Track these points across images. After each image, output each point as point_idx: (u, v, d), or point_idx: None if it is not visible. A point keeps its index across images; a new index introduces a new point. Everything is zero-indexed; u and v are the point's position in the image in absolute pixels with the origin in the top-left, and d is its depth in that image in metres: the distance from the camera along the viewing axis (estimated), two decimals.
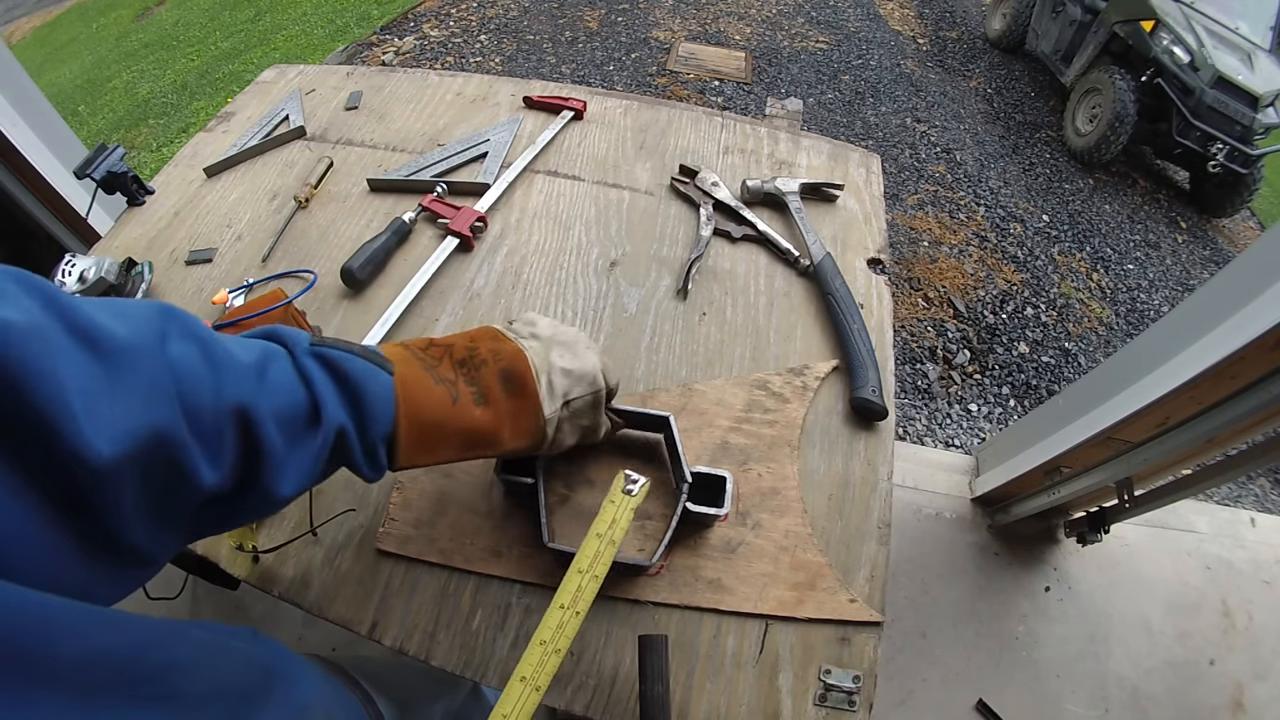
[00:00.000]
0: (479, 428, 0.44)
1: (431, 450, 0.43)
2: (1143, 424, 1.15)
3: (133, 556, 0.32)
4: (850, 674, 0.55)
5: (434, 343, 0.46)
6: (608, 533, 0.49)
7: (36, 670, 0.23)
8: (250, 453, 0.34)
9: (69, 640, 0.24)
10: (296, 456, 0.36)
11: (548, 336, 0.50)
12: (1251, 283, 0.95)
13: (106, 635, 0.26)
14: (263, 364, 0.36)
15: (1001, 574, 1.47)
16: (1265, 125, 3.28)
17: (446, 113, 1.02)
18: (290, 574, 0.60)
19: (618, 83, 3.60)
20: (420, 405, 0.41)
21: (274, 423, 0.34)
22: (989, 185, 3.25)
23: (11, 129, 1.31)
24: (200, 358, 0.32)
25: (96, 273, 0.70)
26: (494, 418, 0.45)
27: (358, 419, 0.39)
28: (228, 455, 0.33)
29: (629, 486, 0.51)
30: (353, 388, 0.39)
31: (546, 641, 0.43)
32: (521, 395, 0.46)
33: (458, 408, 0.43)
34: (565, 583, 0.46)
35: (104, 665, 0.26)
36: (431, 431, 0.42)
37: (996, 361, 2.40)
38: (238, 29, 4.53)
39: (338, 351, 0.39)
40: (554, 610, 0.45)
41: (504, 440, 0.45)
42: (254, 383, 0.34)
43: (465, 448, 0.44)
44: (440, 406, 0.42)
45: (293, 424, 0.36)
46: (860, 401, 0.68)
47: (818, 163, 0.96)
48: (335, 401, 0.38)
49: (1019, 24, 4.28)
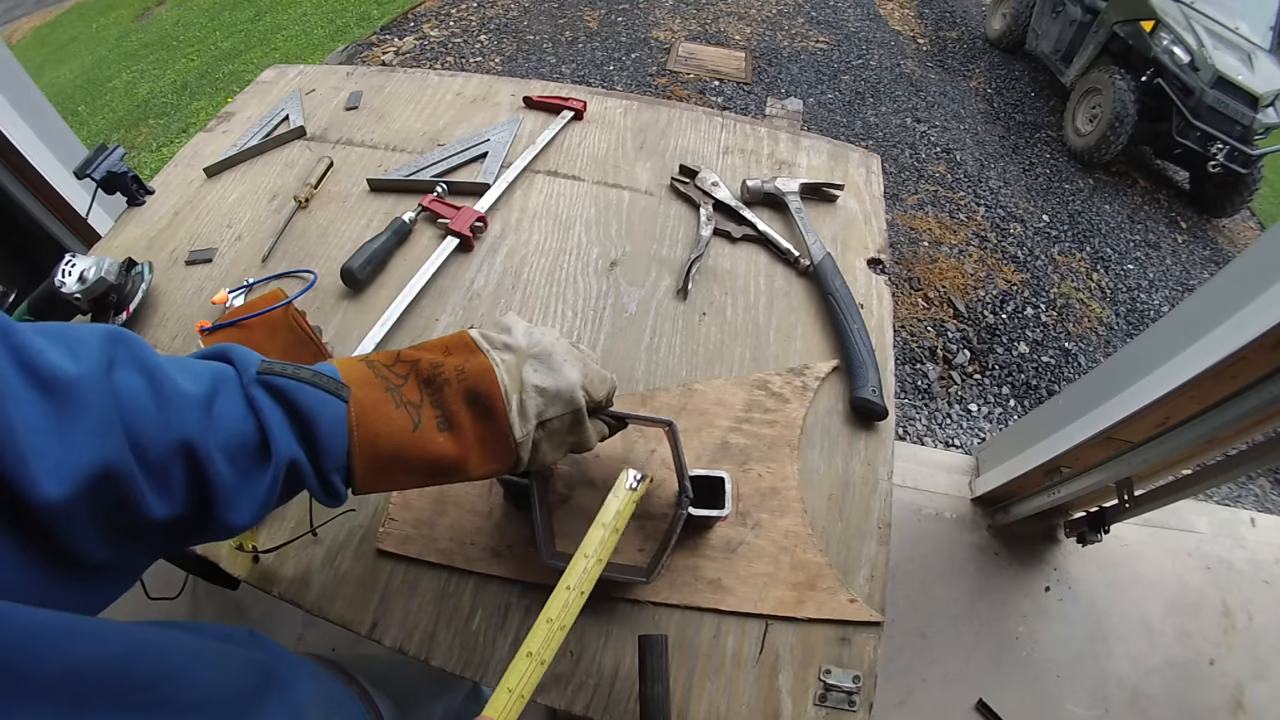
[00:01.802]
0: (442, 455, 0.41)
1: (390, 478, 0.41)
2: (1143, 424, 1.14)
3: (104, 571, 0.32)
4: (850, 674, 0.55)
5: (400, 357, 0.43)
6: (612, 522, 0.50)
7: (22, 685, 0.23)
8: (199, 486, 0.34)
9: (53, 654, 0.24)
10: (248, 488, 0.35)
11: (522, 348, 0.46)
12: (1251, 283, 0.95)
13: (91, 646, 0.26)
14: (210, 396, 0.35)
15: (1001, 574, 1.47)
16: (1265, 125, 3.28)
17: (446, 113, 1.02)
18: (290, 574, 0.60)
19: (618, 83, 3.60)
20: (377, 433, 0.39)
21: (222, 456, 0.34)
22: (989, 185, 3.25)
23: (11, 129, 1.31)
24: (147, 390, 0.32)
25: (96, 273, 0.70)
26: (459, 445, 0.42)
27: (310, 451, 0.37)
28: (176, 489, 0.33)
29: (632, 483, 0.52)
30: (303, 418, 0.37)
31: (533, 654, 0.44)
32: (489, 419, 0.43)
33: (419, 434, 0.40)
34: (553, 598, 0.47)
35: (90, 676, 0.26)
36: (388, 461, 0.40)
37: (996, 361, 2.40)
38: (238, 29, 4.53)
39: (287, 380, 0.37)
40: (541, 624, 0.45)
41: (471, 467, 0.43)
42: (200, 416, 0.33)
43: (429, 475, 0.42)
44: (399, 434, 0.40)
45: (242, 456, 0.35)
46: (860, 401, 0.68)
47: (818, 163, 0.96)
48: (285, 433, 0.36)
49: (1019, 24, 4.28)
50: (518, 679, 0.43)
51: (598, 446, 0.65)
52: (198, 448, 0.33)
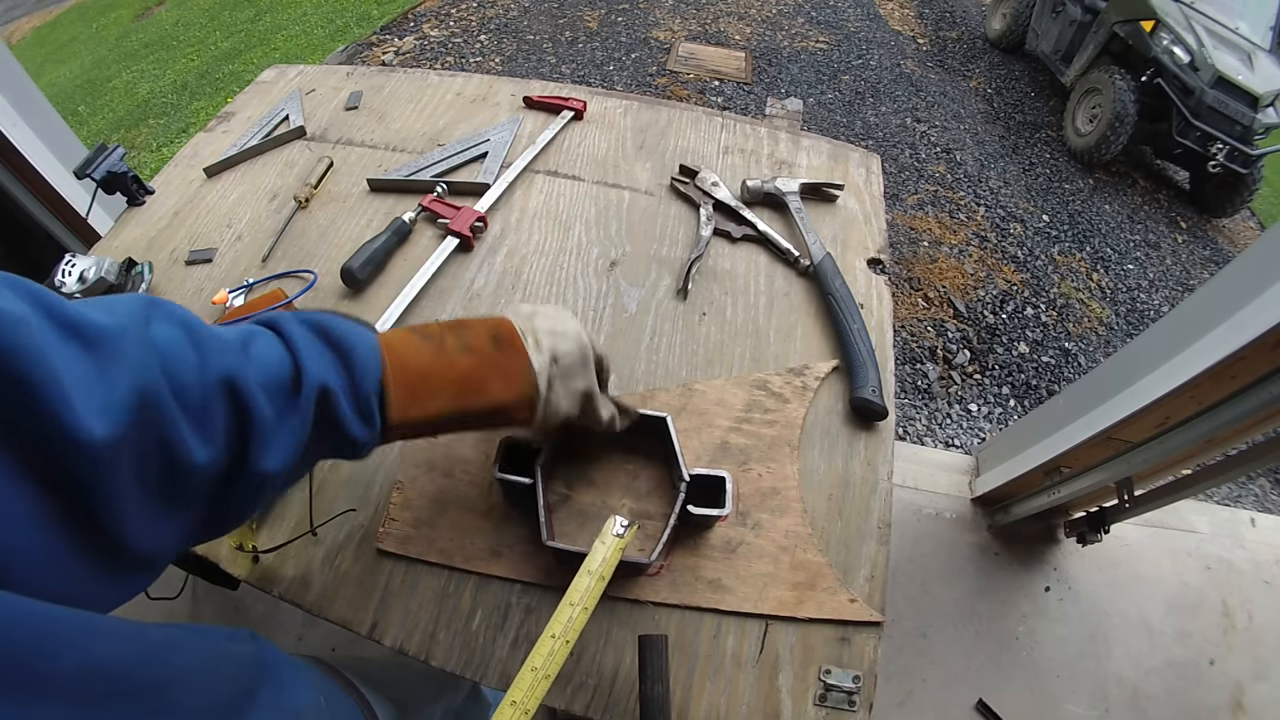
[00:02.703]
0: (468, 373, 0.44)
1: (423, 400, 0.42)
2: (1143, 424, 1.15)
3: (131, 560, 0.31)
4: (850, 674, 0.55)
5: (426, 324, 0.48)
6: (598, 570, 0.51)
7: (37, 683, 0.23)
8: (240, 424, 0.34)
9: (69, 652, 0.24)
10: (285, 424, 0.36)
11: (527, 311, 0.51)
12: (1251, 283, 0.95)
13: (107, 646, 0.26)
14: (246, 339, 0.36)
15: (1001, 574, 1.47)
16: (1265, 125, 3.28)
17: (446, 113, 1.02)
18: (290, 574, 0.60)
19: (618, 83, 3.60)
20: (406, 355, 0.42)
21: (262, 391, 0.35)
22: (989, 185, 3.25)
23: (11, 129, 1.31)
24: (184, 337, 0.33)
25: (96, 273, 0.70)
26: (482, 364, 0.45)
27: (346, 372, 0.39)
28: (217, 428, 0.33)
29: (618, 530, 0.53)
30: (337, 341, 0.39)
31: (538, 669, 0.46)
32: (508, 348, 0.46)
33: (443, 355, 0.44)
34: (557, 614, 0.49)
35: (105, 677, 0.26)
36: (419, 380, 0.42)
37: (996, 361, 2.40)
38: (238, 29, 4.53)
39: (320, 313, 0.40)
40: (545, 640, 0.47)
41: (494, 389, 0.45)
42: (239, 355, 0.35)
43: (458, 396, 0.44)
44: (426, 355, 0.43)
45: (279, 391, 0.36)
46: (860, 401, 0.68)
47: (818, 163, 0.96)
48: (318, 359, 0.38)
49: (1019, 24, 4.28)
50: (522, 692, 0.44)
51: (598, 445, 0.65)
52: (238, 381, 0.33)
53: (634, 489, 0.63)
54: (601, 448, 0.65)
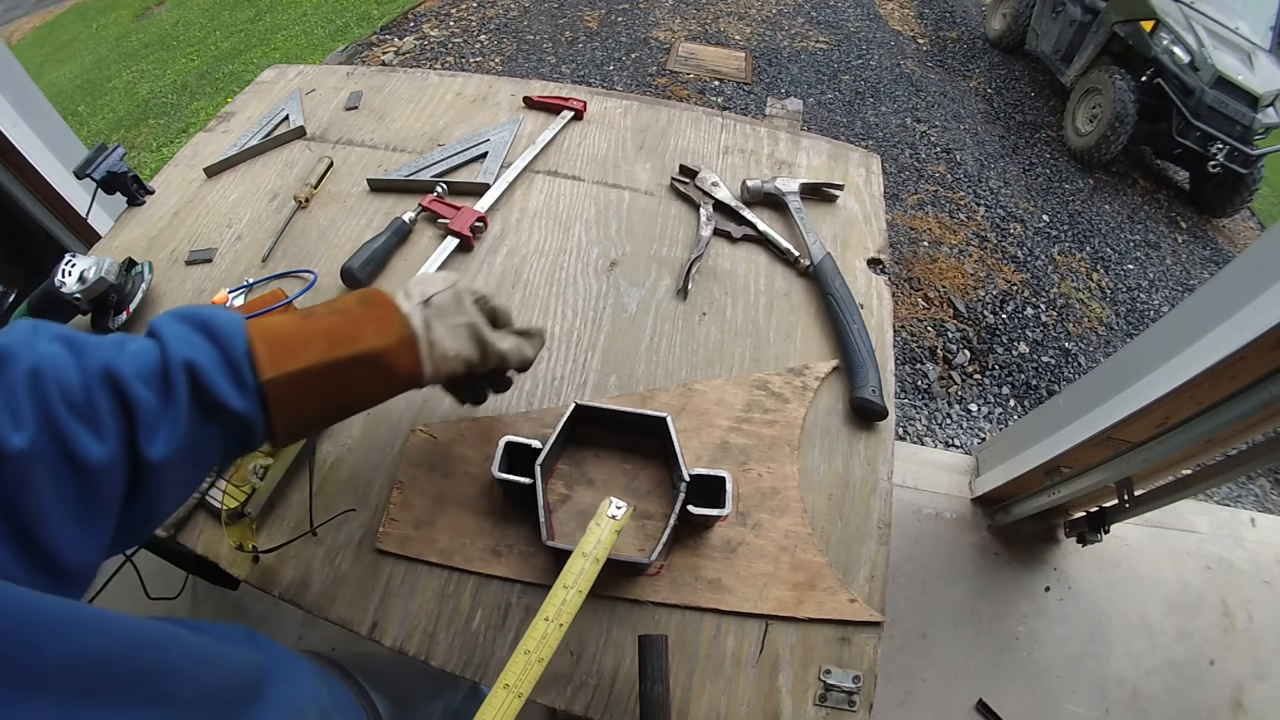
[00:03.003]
0: (336, 325, 0.45)
1: (293, 352, 0.42)
2: (1143, 424, 1.15)
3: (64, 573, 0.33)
4: (850, 674, 0.55)
5: None
6: (592, 552, 0.51)
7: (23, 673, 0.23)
8: (125, 414, 0.36)
9: (53, 642, 0.25)
10: (166, 411, 0.37)
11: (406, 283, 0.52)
12: (1251, 283, 0.95)
13: (91, 637, 0.27)
14: (122, 339, 0.38)
15: (1001, 574, 1.47)
16: (1265, 125, 3.28)
17: (446, 113, 1.02)
18: (290, 574, 0.60)
19: (618, 83, 3.60)
20: (272, 322, 0.43)
21: (138, 380, 0.36)
22: (989, 185, 3.25)
23: (11, 129, 1.31)
24: (64, 347, 0.35)
25: (96, 273, 0.70)
26: (349, 318, 0.46)
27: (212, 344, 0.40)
28: (106, 422, 0.35)
29: (613, 511, 0.53)
30: (200, 321, 0.40)
31: (530, 651, 0.45)
32: (377, 304, 0.47)
33: (310, 317, 0.45)
34: (551, 596, 0.48)
35: (90, 667, 0.26)
36: (286, 336, 0.42)
37: (996, 361, 2.40)
38: (238, 29, 4.53)
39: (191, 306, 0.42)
40: (539, 622, 0.47)
41: (367, 335, 0.45)
42: (114, 350, 0.37)
43: (328, 347, 0.44)
44: (291, 319, 0.44)
45: (153, 377, 0.37)
46: (860, 401, 0.68)
47: (818, 163, 0.96)
48: (182, 339, 0.39)
49: (1019, 24, 4.28)
50: (515, 675, 0.44)
51: (599, 448, 0.65)
52: (116, 372, 0.36)
53: (634, 489, 0.63)
54: (603, 448, 0.65)
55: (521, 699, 0.43)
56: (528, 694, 0.44)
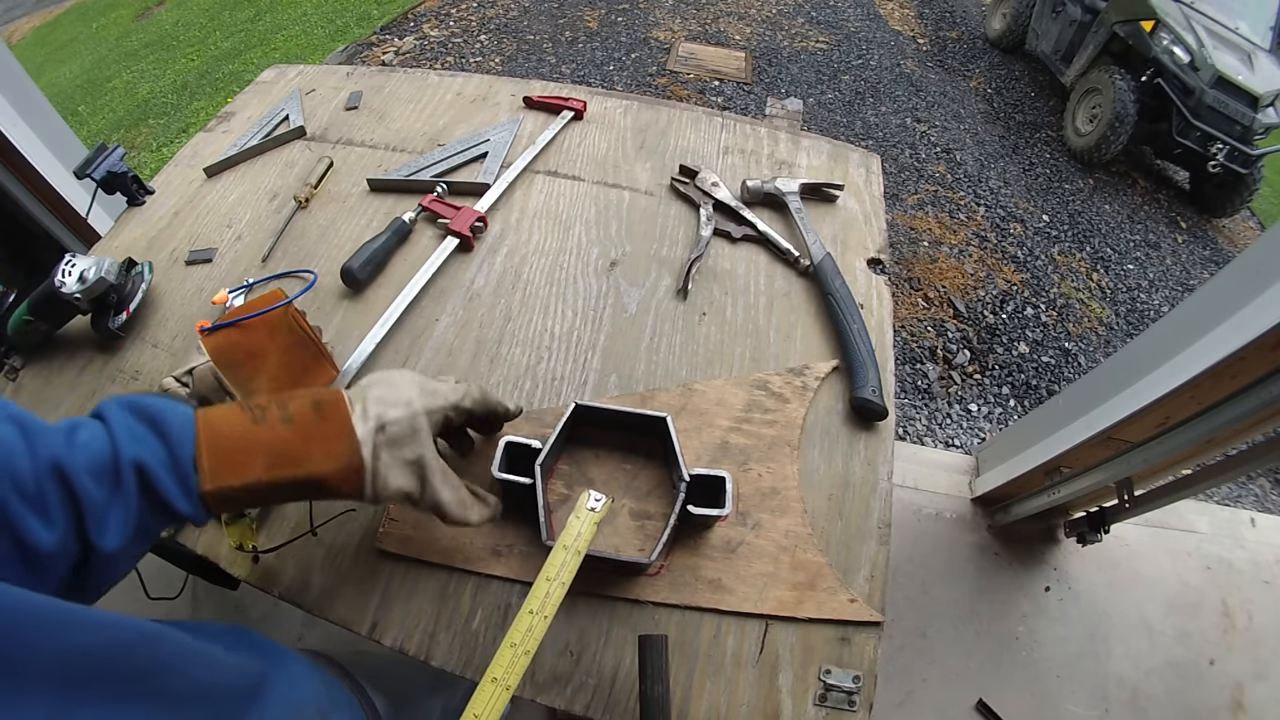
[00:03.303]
0: (284, 442, 0.43)
1: (235, 468, 0.41)
2: (1143, 424, 1.15)
3: None
4: (850, 674, 0.55)
5: None
6: (573, 545, 0.51)
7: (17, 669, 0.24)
8: (74, 507, 0.36)
9: (47, 639, 0.25)
10: (114, 505, 0.37)
11: (367, 382, 0.50)
12: (1251, 283, 0.95)
13: (85, 634, 0.27)
14: (71, 428, 0.38)
15: (1001, 574, 1.47)
16: (1265, 125, 3.28)
17: (446, 113, 1.02)
18: (290, 574, 0.60)
19: (618, 83, 3.60)
20: (220, 422, 0.42)
21: (88, 475, 0.37)
22: (989, 185, 3.25)
23: (11, 129, 1.31)
24: (16, 431, 0.36)
25: (96, 273, 0.70)
26: (301, 435, 0.44)
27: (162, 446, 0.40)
28: (55, 512, 0.35)
29: (592, 504, 0.54)
30: (150, 415, 0.40)
31: (516, 644, 0.46)
32: (333, 418, 0.45)
33: (260, 426, 0.43)
34: (534, 589, 0.49)
35: (85, 663, 0.27)
36: (232, 448, 0.42)
37: (996, 361, 2.40)
38: (238, 29, 4.53)
39: (139, 395, 0.42)
40: (524, 615, 0.47)
41: (314, 458, 0.44)
42: (64, 441, 0.37)
43: (272, 466, 0.42)
44: (241, 423, 0.43)
45: (103, 472, 0.37)
46: (860, 401, 0.68)
47: (818, 163, 0.96)
48: (132, 436, 0.39)
49: (1019, 24, 4.28)
50: (503, 669, 0.44)
51: (599, 446, 0.65)
52: (65, 465, 0.36)
53: (634, 489, 0.63)
54: (602, 447, 0.65)
55: (509, 691, 0.44)
56: (515, 686, 0.44)
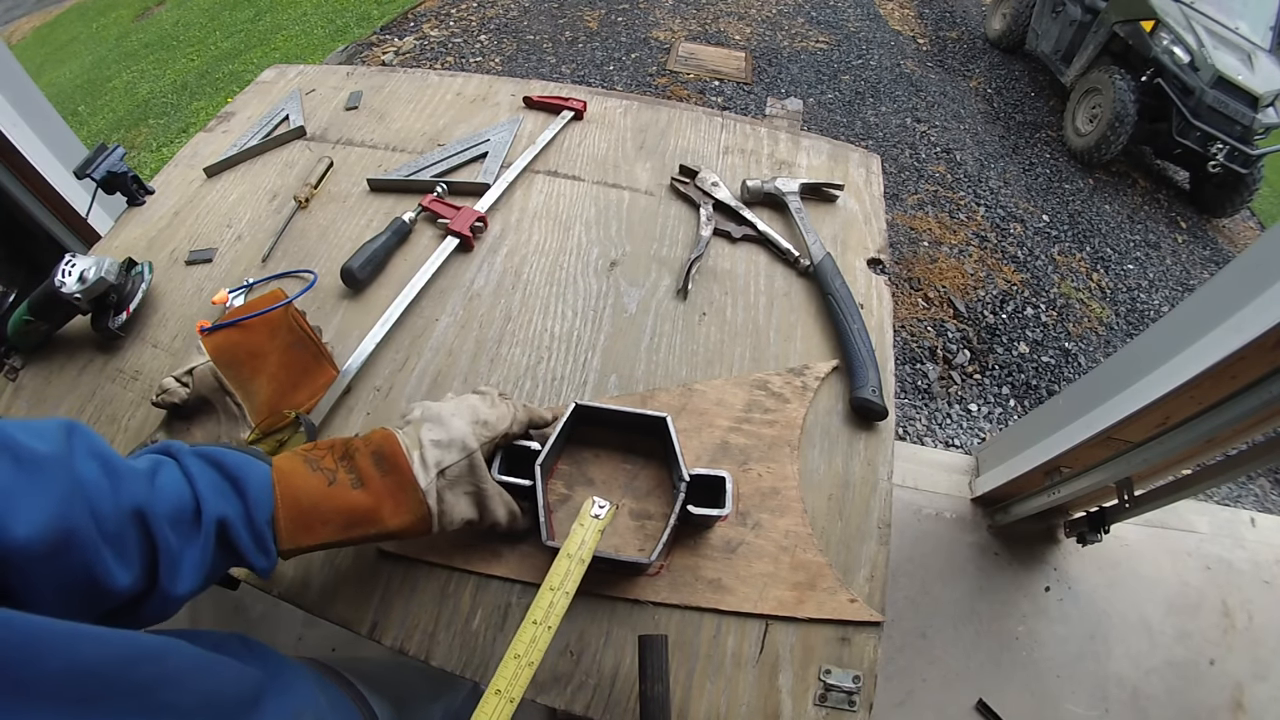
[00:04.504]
0: (357, 506, 0.46)
1: (312, 530, 0.44)
2: (1143, 424, 1.14)
3: None
4: (850, 674, 0.55)
5: (318, 445, 0.49)
6: (577, 553, 0.51)
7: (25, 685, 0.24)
8: (150, 551, 0.37)
9: (54, 656, 0.25)
10: (189, 553, 0.39)
11: (418, 418, 0.52)
12: (1251, 283, 0.95)
13: (93, 649, 0.27)
14: (153, 470, 0.40)
15: (1001, 574, 1.47)
16: (1265, 125, 3.28)
17: (446, 113, 1.02)
18: (290, 574, 0.60)
19: (618, 83, 3.60)
20: (297, 488, 0.44)
21: (167, 522, 0.38)
22: (989, 185, 3.25)
23: (11, 129, 1.31)
24: (101, 471, 0.36)
25: (96, 273, 0.70)
26: (372, 497, 0.46)
27: (241, 505, 0.42)
28: (132, 555, 0.37)
29: (596, 511, 0.53)
30: (231, 474, 0.42)
31: (520, 655, 0.45)
32: (395, 471, 0.48)
33: (334, 489, 0.45)
34: (538, 599, 0.49)
35: (90, 678, 0.27)
36: (309, 512, 0.44)
37: (996, 361, 2.40)
38: (238, 29, 4.53)
39: (217, 449, 0.43)
40: (527, 626, 0.47)
41: (385, 517, 0.47)
42: (146, 486, 0.38)
43: (346, 527, 0.46)
44: (316, 489, 0.45)
45: (182, 522, 0.39)
46: (860, 401, 0.68)
47: (818, 163, 0.96)
48: (215, 491, 0.41)
49: (1019, 24, 4.28)
50: (506, 680, 0.44)
51: (600, 446, 0.65)
52: (147, 512, 0.37)
53: (634, 489, 0.63)
54: (603, 447, 0.65)
55: (514, 704, 0.44)
56: (519, 698, 0.44)
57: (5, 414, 0.72)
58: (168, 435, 0.66)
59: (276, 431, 0.66)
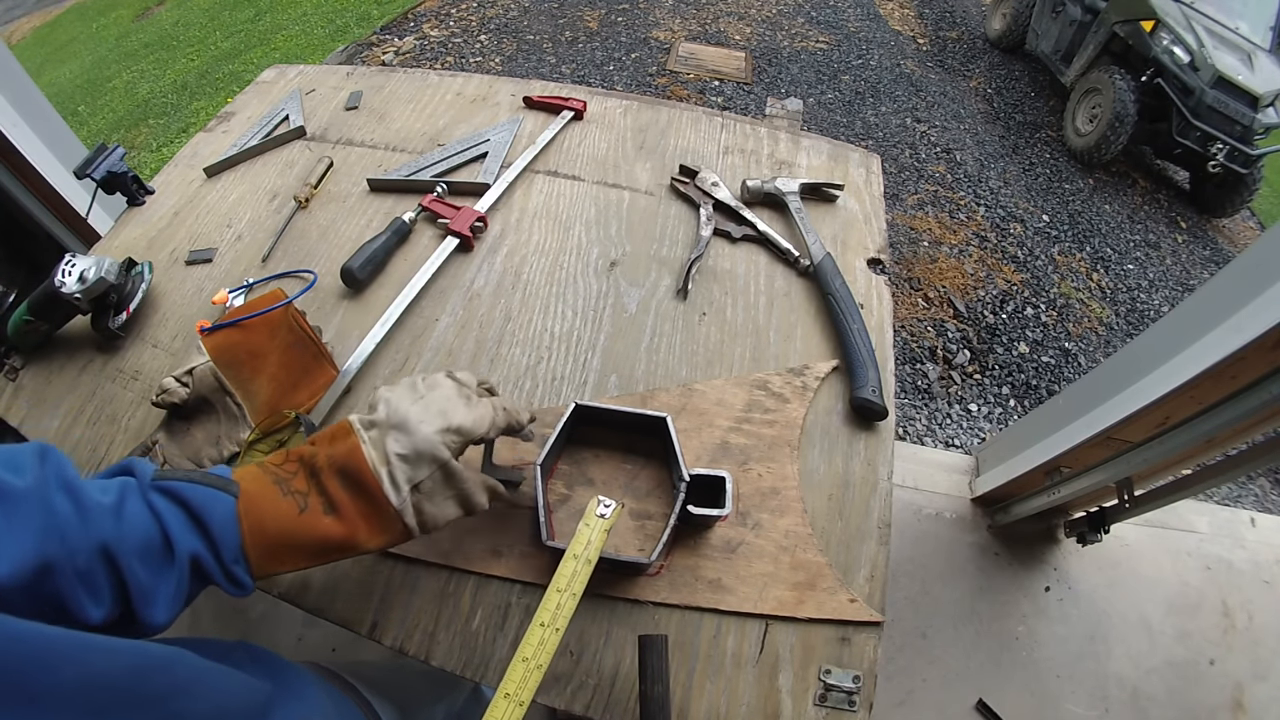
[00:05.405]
0: (328, 535, 0.44)
1: (283, 560, 0.43)
2: (1143, 424, 1.14)
3: None
4: (850, 674, 0.55)
5: (289, 455, 0.46)
6: (583, 554, 0.51)
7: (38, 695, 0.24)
8: (121, 586, 0.37)
9: (67, 667, 0.26)
10: (162, 586, 0.39)
11: (383, 421, 0.47)
12: (1251, 283, 0.95)
13: (105, 660, 0.28)
14: (119, 503, 0.39)
15: (1001, 574, 1.47)
16: (1265, 125, 3.28)
17: (446, 113, 1.02)
18: (290, 574, 0.60)
19: (618, 83, 3.60)
20: (264, 519, 0.42)
21: (135, 558, 0.37)
22: (989, 185, 3.25)
23: (11, 129, 1.31)
24: (71, 505, 0.36)
25: (97, 273, 0.70)
26: (345, 525, 0.44)
27: (209, 544, 0.40)
28: (104, 591, 0.36)
29: (601, 511, 0.53)
30: (196, 514, 0.40)
31: (529, 659, 0.45)
32: (366, 494, 0.45)
33: (305, 517, 0.43)
34: (545, 601, 0.48)
35: (105, 689, 0.27)
36: (279, 543, 0.42)
37: (996, 361, 2.40)
38: (238, 29, 4.52)
39: (179, 483, 0.41)
40: (535, 628, 0.47)
41: (361, 541, 0.45)
42: (113, 522, 0.37)
43: (320, 554, 0.44)
44: (285, 518, 0.43)
45: (151, 556, 0.38)
46: (860, 401, 0.68)
47: (818, 163, 0.96)
48: (184, 530, 0.40)
49: (1019, 24, 4.28)
50: (515, 684, 0.44)
51: (600, 446, 0.65)
52: (115, 551, 0.36)
53: (634, 489, 0.63)
54: (603, 447, 0.65)
55: (523, 707, 0.43)
56: (529, 701, 0.44)
57: (5, 414, 0.72)
58: (168, 435, 0.66)
59: (276, 431, 0.66)
